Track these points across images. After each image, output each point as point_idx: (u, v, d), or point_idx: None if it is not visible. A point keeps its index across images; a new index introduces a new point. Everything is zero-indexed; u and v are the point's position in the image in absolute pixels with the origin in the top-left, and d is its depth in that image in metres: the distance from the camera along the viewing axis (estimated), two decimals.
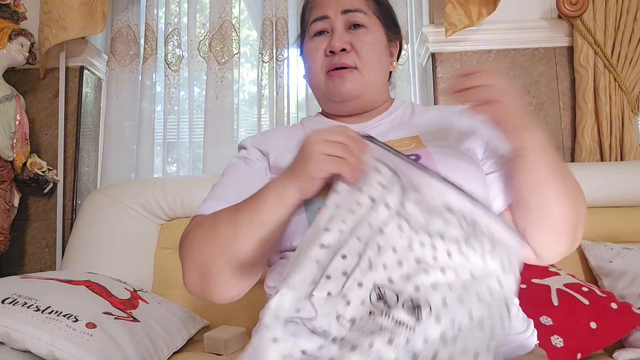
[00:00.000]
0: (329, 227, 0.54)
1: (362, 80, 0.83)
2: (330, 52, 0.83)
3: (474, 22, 1.71)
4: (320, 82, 0.86)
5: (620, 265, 1.24)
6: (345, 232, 0.54)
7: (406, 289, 0.52)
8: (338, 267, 0.52)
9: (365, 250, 0.54)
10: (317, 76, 0.86)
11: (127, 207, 1.46)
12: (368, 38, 0.84)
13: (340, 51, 0.83)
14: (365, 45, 0.84)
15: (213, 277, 0.68)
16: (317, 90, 0.89)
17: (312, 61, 0.86)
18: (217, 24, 1.87)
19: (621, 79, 1.68)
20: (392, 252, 0.54)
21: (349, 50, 0.83)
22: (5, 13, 1.69)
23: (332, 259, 0.53)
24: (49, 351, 0.88)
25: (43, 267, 1.81)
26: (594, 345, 1.09)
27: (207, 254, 0.68)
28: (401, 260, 0.54)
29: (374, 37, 0.86)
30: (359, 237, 0.54)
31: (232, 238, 0.66)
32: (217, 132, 1.83)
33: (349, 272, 0.52)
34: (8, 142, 1.66)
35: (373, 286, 0.52)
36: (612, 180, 1.42)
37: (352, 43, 0.83)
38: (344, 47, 0.83)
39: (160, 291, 1.39)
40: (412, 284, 0.52)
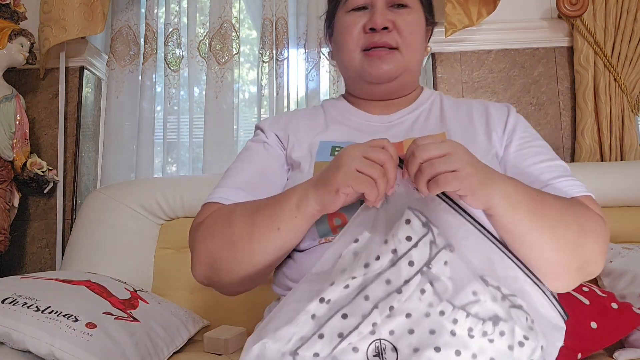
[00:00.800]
0: (335, 281, 0.49)
1: (402, 61, 0.79)
2: (371, 30, 0.78)
3: (473, 22, 1.71)
4: (354, 61, 0.80)
5: (620, 265, 1.24)
6: (352, 289, 0.49)
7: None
8: (335, 326, 0.47)
9: (371, 313, 0.47)
10: (352, 54, 0.80)
11: (127, 207, 1.46)
12: (411, 18, 0.79)
13: (382, 29, 0.77)
14: (409, 26, 0.79)
15: (223, 273, 0.67)
16: (349, 69, 0.83)
17: (348, 37, 0.80)
18: (217, 23, 1.87)
19: (621, 79, 1.68)
20: (404, 317, 0.47)
21: (391, 29, 0.78)
22: (5, 13, 1.69)
23: (331, 318, 0.48)
24: (49, 351, 0.88)
25: (43, 267, 1.81)
26: (594, 345, 1.09)
27: (220, 250, 0.67)
28: (413, 329, 0.47)
29: (416, 18, 0.81)
30: (368, 296, 0.48)
31: (247, 240, 0.64)
32: (217, 132, 1.83)
33: (345, 334, 0.47)
34: (8, 142, 1.66)
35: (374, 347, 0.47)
36: (612, 180, 1.42)
37: (394, 21, 0.78)
38: (387, 25, 0.77)
39: (160, 291, 1.39)
40: (419, 358, 0.46)
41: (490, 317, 0.48)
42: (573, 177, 0.74)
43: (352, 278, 0.49)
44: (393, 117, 0.83)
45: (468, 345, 0.46)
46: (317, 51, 1.85)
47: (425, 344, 0.46)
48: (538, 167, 0.74)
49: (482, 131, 0.79)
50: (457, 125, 0.80)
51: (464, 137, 0.77)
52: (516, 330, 0.48)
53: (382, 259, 0.49)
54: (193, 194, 1.47)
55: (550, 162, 0.75)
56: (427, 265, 0.49)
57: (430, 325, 0.47)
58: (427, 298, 0.48)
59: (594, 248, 0.64)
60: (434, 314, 0.47)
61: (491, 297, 0.49)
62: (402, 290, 0.48)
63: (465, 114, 0.82)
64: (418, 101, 0.86)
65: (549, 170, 0.73)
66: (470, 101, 0.86)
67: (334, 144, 0.79)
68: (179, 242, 1.47)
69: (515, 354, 0.47)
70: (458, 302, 0.48)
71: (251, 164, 0.80)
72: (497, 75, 1.82)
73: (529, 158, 0.75)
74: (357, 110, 0.86)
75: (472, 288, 0.49)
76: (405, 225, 0.51)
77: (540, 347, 0.49)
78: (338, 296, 0.48)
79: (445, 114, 0.82)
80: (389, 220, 0.53)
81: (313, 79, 1.85)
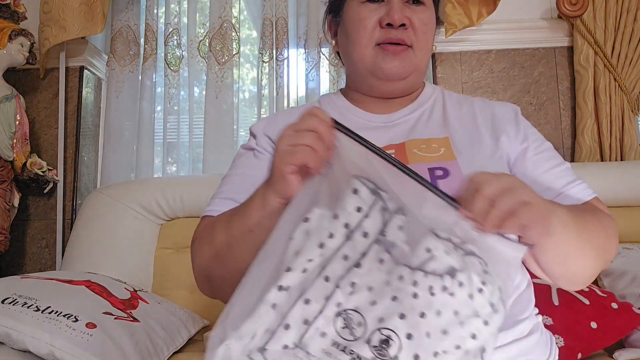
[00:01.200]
0: (291, 266, 0.47)
1: (414, 60, 0.77)
2: (387, 25, 0.74)
3: (473, 22, 1.71)
4: (365, 55, 0.77)
5: (620, 265, 1.24)
6: (311, 272, 0.47)
7: (376, 332, 0.45)
8: (299, 314, 0.45)
9: (334, 293, 0.46)
10: (364, 48, 0.76)
11: (127, 207, 1.46)
12: (426, 16, 0.77)
13: (399, 26, 0.74)
14: (424, 25, 0.77)
15: (217, 284, 0.68)
16: (358, 64, 0.79)
17: (362, 30, 0.76)
18: (217, 24, 1.87)
19: (621, 79, 1.68)
20: (367, 291, 0.46)
21: (407, 26, 0.75)
22: (5, 13, 1.69)
23: (294, 305, 0.45)
24: (49, 351, 0.88)
25: (43, 267, 1.81)
26: (594, 345, 1.09)
27: (208, 262, 0.68)
28: (375, 300, 0.46)
29: (430, 17, 0.79)
30: (328, 276, 0.46)
31: (227, 249, 0.64)
32: (217, 132, 1.83)
33: (311, 319, 0.45)
34: (8, 142, 1.66)
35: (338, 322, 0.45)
36: (612, 180, 1.42)
37: (410, 19, 0.75)
38: (404, 22, 0.74)
39: (160, 291, 1.39)
40: (385, 327, 0.45)
41: (447, 271, 0.47)
42: (579, 178, 0.75)
43: (309, 261, 0.47)
44: (394, 116, 0.80)
45: (431, 304, 0.46)
46: (317, 51, 1.85)
47: (389, 313, 0.45)
48: (552, 173, 0.74)
49: (487, 133, 0.76)
50: (460, 126, 0.77)
51: (468, 138, 0.75)
52: (473, 277, 0.48)
53: (336, 236, 0.48)
54: (193, 194, 1.47)
55: (560, 166, 0.75)
56: (382, 233, 0.48)
57: (391, 293, 0.46)
58: (385, 267, 0.47)
59: (613, 249, 0.68)
60: (393, 280, 0.47)
61: (444, 250, 0.48)
62: (360, 264, 0.47)
63: (469, 114, 0.80)
64: (419, 99, 0.83)
65: (562, 176, 0.74)
66: (472, 99, 0.84)
67: None
68: (179, 242, 1.47)
69: (476, 301, 0.47)
70: (414, 262, 0.47)
71: (242, 174, 0.79)
72: (497, 75, 1.82)
73: (543, 164, 0.75)
74: (356, 109, 0.83)
75: (425, 245, 0.48)
76: (353, 196, 0.49)
77: (497, 288, 0.49)
78: (297, 281, 0.46)
79: (447, 114, 0.80)
80: (334, 187, 0.51)
81: (313, 79, 1.85)
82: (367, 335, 0.45)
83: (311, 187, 0.52)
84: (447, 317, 0.46)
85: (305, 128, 0.53)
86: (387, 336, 0.45)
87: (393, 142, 0.75)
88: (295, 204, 0.52)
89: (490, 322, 0.47)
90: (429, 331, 0.45)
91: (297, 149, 0.52)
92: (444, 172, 0.68)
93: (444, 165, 0.69)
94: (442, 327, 0.46)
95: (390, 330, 0.45)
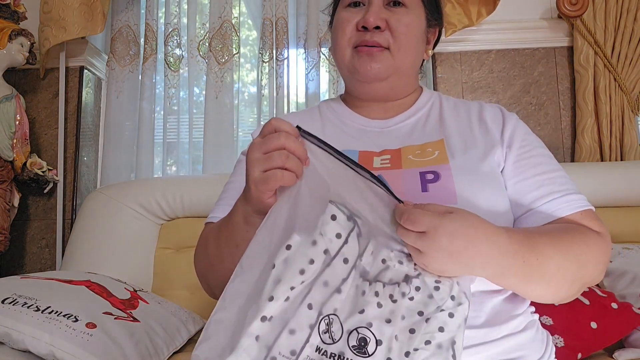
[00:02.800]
0: (274, 295, 0.46)
1: (391, 62, 0.76)
2: (363, 28, 0.76)
3: (473, 22, 1.71)
4: (345, 58, 0.79)
5: (620, 265, 1.24)
6: (293, 300, 0.47)
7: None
8: (285, 345, 0.45)
9: (317, 321, 0.46)
10: (343, 50, 0.78)
11: (127, 207, 1.46)
12: (407, 18, 0.77)
13: (373, 28, 0.75)
14: (402, 26, 0.76)
15: (215, 289, 0.73)
16: (341, 66, 0.81)
17: (341, 33, 0.78)
18: (217, 24, 1.87)
19: (621, 79, 1.68)
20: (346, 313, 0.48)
21: (383, 28, 0.75)
22: (5, 13, 1.69)
23: (279, 337, 0.45)
24: (49, 351, 0.88)
25: (43, 267, 1.81)
26: (594, 345, 1.09)
27: (205, 270, 0.73)
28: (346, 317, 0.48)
29: (413, 19, 0.78)
30: (311, 304, 0.47)
31: (218, 260, 0.68)
32: (216, 132, 1.83)
33: (298, 350, 0.45)
34: (8, 142, 1.66)
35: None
36: (612, 180, 1.42)
37: (388, 21, 0.76)
38: (379, 24, 0.75)
39: (160, 291, 1.39)
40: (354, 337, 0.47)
41: (402, 279, 0.50)
42: (573, 190, 0.71)
43: (291, 289, 0.47)
44: (391, 122, 0.81)
45: (394, 310, 0.48)
46: (317, 51, 1.85)
47: (358, 323, 0.47)
48: (537, 179, 0.72)
49: (482, 138, 0.76)
50: (456, 129, 0.78)
51: (463, 142, 0.75)
52: (427, 280, 0.50)
53: (317, 262, 0.49)
54: (193, 194, 1.47)
55: (550, 174, 0.72)
56: (360, 258, 0.50)
57: (359, 307, 0.48)
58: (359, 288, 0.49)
59: (594, 272, 0.64)
60: (358, 295, 0.49)
61: (398, 260, 0.51)
62: (341, 289, 0.48)
63: (465, 118, 0.80)
64: (417, 105, 0.83)
65: (548, 184, 0.71)
66: (469, 104, 0.84)
67: None
68: (179, 242, 1.47)
69: (437, 298, 0.50)
70: (372, 275, 0.50)
71: (241, 180, 0.79)
72: (497, 75, 1.82)
73: (527, 170, 0.73)
74: (354, 115, 0.83)
75: (381, 257, 0.51)
76: (332, 222, 0.50)
77: (455, 282, 0.51)
78: (280, 310, 0.46)
79: (444, 118, 0.80)
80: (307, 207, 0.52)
81: (313, 79, 1.85)
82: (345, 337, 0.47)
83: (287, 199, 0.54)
84: (412, 319, 0.49)
85: (274, 148, 0.53)
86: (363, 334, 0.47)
87: (389, 147, 0.76)
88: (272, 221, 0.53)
89: (455, 314, 0.49)
90: (397, 334, 0.47)
91: (270, 174, 0.53)
92: (434, 176, 0.68)
93: (436, 169, 0.69)
94: (409, 328, 0.48)
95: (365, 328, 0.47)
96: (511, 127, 0.77)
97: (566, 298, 0.65)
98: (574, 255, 0.62)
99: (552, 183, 0.71)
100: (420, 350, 0.47)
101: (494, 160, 0.73)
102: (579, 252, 0.62)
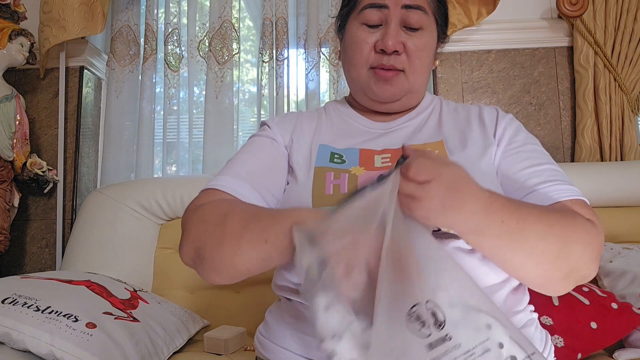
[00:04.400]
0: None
1: (406, 84, 0.79)
2: (381, 50, 0.77)
3: (473, 22, 1.71)
4: (361, 77, 0.81)
5: (620, 265, 1.24)
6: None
7: None
8: None
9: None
10: (359, 69, 0.80)
11: (127, 207, 1.46)
12: (422, 42, 0.78)
13: (392, 52, 0.77)
14: (419, 50, 0.78)
15: (206, 262, 0.65)
16: (355, 83, 0.83)
17: (358, 53, 0.79)
18: (216, 23, 1.87)
19: (621, 79, 1.68)
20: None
21: (400, 52, 0.77)
22: (5, 13, 1.69)
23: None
24: (49, 351, 0.88)
25: (43, 267, 1.81)
26: (594, 345, 1.09)
27: (208, 241, 0.64)
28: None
29: (428, 41, 0.80)
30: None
31: (236, 244, 0.61)
32: (216, 132, 1.83)
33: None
34: (8, 142, 1.66)
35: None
36: (612, 180, 1.42)
37: (405, 44, 0.77)
38: (398, 48, 0.77)
39: (160, 291, 1.39)
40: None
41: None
42: (564, 181, 0.71)
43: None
44: (393, 124, 0.84)
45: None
46: (317, 51, 1.85)
47: None
48: (525, 172, 0.72)
49: (480, 137, 0.78)
50: (454, 130, 0.80)
51: (461, 141, 0.77)
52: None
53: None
54: (193, 194, 1.44)
55: (538, 166, 0.73)
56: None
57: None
58: None
59: (582, 256, 0.62)
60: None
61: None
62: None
63: (464, 120, 0.82)
64: (418, 108, 0.86)
65: (536, 175, 0.72)
66: (469, 107, 0.86)
67: (333, 150, 0.79)
68: (179, 242, 1.47)
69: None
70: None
71: (257, 157, 0.79)
72: (497, 75, 1.82)
73: (516, 164, 0.74)
74: (358, 116, 0.86)
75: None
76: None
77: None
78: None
79: (443, 120, 0.83)
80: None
81: (313, 79, 1.85)
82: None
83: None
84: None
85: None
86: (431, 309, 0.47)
87: (390, 147, 0.78)
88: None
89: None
90: None
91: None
92: None
93: None
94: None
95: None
96: (503, 126, 0.79)
97: (551, 280, 0.63)
98: (558, 228, 0.60)
99: (539, 175, 0.72)
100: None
101: (491, 158, 0.75)
102: (564, 228, 0.61)
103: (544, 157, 0.76)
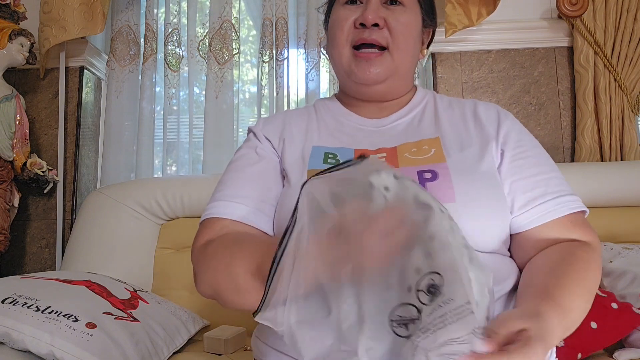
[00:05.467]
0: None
1: (390, 63, 0.76)
2: (361, 25, 0.75)
3: (473, 22, 1.71)
4: (343, 58, 0.78)
5: (620, 265, 1.24)
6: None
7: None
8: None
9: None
10: (341, 49, 0.78)
11: (127, 207, 1.46)
12: (404, 17, 0.76)
13: (372, 26, 0.74)
14: (401, 25, 0.76)
15: (228, 305, 0.66)
16: (338, 67, 0.81)
17: (339, 31, 0.77)
18: (217, 23, 1.87)
19: (621, 79, 1.68)
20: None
21: (382, 26, 0.75)
22: (5, 13, 1.69)
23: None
24: (49, 351, 0.88)
25: (43, 267, 1.81)
26: (594, 345, 1.09)
27: (223, 292, 0.64)
28: None
29: (411, 18, 0.78)
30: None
31: (248, 297, 0.60)
32: (216, 132, 1.83)
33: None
34: (8, 142, 1.66)
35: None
36: (612, 180, 1.42)
37: (386, 19, 0.75)
38: (377, 21, 0.74)
39: (160, 291, 1.39)
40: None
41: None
42: (566, 190, 0.71)
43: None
44: (386, 121, 0.81)
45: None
46: (317, 51, 1.85)
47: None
48: (530, 181, 0.72)
49: (477, 136, 0.76)
50: (451, 127, 0.78)
51: (458, 141, 0.75)
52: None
53: None
54: (193, 194, 1.47)
55: (545, 175, 0.73)
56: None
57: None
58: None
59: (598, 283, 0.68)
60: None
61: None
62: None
63: (460, 116, 0.80)
64: (411, 104, 0.83)
65: (541, 185, 0.71)
66: (463, 102, 0.84)
67: (327, 150, 0.76)
68: (179, 242, 1.47)
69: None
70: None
71: (247, 174, 0.76)
72: (497, 75, 1.82)
73: (523, 170, 0.73)
74: (350, 114, 0.83)
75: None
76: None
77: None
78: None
79: (439, 116, 0.80)
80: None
81: (313, 79, 1.85)
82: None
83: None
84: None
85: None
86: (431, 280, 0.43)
87: (385, 146, 0.76)
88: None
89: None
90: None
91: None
92: (432, 175, 0.68)
93: (433, 168, 0.69)
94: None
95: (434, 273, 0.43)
96: (507, 126, 0.77)
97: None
98: (587, 290, 0.65)
99: (546, 184, 0.72)
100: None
101: (491, 157, 0.73)
102: (588, 282, 0.65)
103: (548, 163, 0.76)
